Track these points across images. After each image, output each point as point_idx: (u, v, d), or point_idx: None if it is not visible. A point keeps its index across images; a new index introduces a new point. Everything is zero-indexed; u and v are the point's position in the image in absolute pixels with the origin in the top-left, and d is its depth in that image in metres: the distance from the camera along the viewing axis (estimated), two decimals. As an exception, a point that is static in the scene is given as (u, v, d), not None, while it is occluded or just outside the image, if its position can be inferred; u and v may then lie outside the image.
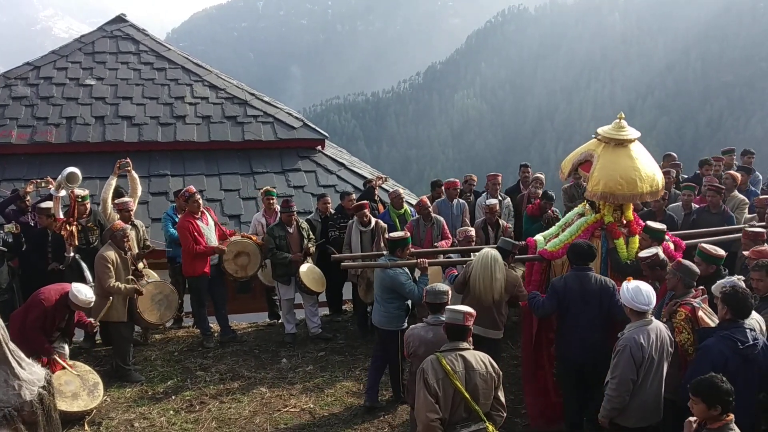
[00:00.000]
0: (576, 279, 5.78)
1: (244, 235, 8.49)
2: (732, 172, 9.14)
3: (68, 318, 6.63)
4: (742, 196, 8.68)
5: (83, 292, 6.45)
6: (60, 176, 7.86)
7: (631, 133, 6.41)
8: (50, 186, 8.18)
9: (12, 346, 4.82)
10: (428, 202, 8.45)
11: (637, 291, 4.81)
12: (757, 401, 4.74)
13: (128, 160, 8.56)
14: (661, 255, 5.73)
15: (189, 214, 8.04)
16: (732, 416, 3.83)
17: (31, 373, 4.85)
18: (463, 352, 4.48)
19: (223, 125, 11.66)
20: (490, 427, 4.38)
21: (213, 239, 8.17)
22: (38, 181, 8.26)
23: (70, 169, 7.90)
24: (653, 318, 4.88)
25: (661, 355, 4.79)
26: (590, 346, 5.59)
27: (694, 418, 3.94)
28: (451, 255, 7.72)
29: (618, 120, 6.48)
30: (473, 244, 7.63)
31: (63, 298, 6.44)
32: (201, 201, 8.14)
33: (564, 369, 5.99)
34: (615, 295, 5.56)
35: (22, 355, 4.97)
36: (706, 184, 8.72)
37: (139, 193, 8.73)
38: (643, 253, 5.81)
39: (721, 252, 5.78)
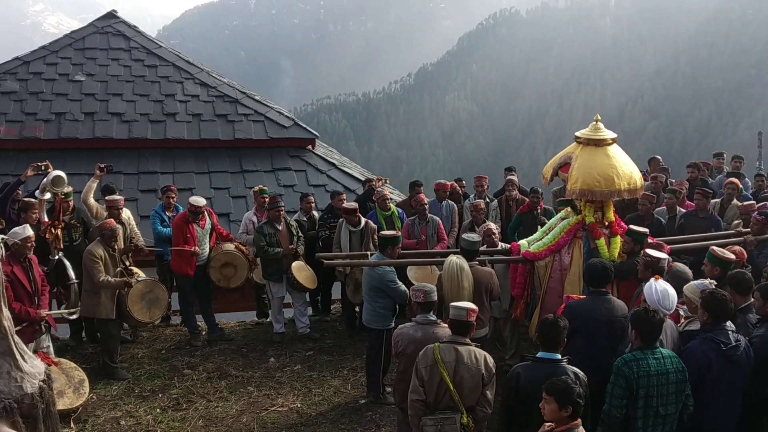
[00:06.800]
0: (598, 302, 5.35)
1: (238, 246, 8.41)
2: (733, 179, 9.07)
3: (31, 273, 6.54)
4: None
5: (13, 230, 6.44)
6: (45, 179, 7.65)
7: (607, 134, 6.57)
8: (50, 170, 8.01)
9: (17, 338, 4.84)
10: (425, 198, 8.48)
11: (665, 295, 4.75)
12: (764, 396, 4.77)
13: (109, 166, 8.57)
14: (664, 263, 5.56)
15: (187, 216, 8.01)
16: (579, 421, 3.82)
17: (32, 366, 4.87)
18: (459, 346, 4.62)
19: (214, 123, 11.62)
20: (465, 418, 4.51)
21: (206, 243, 8.19)
22: (39, 164, 7.93)
23: (56, 172, 7.71)
24: (666, 317, 4.88)
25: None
26: (603, 371, 5.13)
27: (549, 423, 3.90)
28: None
29: (595, 122, 6.67)
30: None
31: (10, 254, 6.38)
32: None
33: None
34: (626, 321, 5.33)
35: (26, 348, 5.00)
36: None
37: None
38: (650, 251, 5.80)
39: (730, 256, 5.70)
